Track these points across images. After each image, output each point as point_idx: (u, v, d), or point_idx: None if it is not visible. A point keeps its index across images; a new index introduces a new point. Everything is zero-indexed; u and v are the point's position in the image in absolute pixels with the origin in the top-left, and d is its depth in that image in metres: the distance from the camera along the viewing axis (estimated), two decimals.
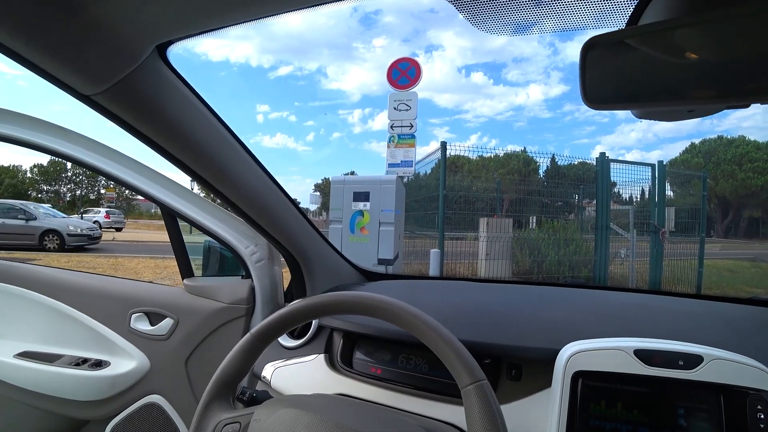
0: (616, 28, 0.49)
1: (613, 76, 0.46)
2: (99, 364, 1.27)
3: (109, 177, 1.16)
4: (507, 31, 0.57)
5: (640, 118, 0.52)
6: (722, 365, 0.67)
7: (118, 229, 20.65)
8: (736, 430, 0.64)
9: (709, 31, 0.41)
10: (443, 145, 5.94)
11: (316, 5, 0.52)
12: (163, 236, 1.39)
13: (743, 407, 0.65)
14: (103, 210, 22.76)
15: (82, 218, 19.06)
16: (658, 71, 0.44)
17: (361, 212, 4.80)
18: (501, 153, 9.19)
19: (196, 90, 0.74)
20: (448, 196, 6.11)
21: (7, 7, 0.47)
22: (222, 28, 0.57)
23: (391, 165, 5.39)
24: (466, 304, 1.12)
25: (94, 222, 17.42)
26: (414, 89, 5.40)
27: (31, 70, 0.55)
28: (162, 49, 0.63)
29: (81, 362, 1.28)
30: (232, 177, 0.92)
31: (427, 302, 1.09)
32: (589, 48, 0.43)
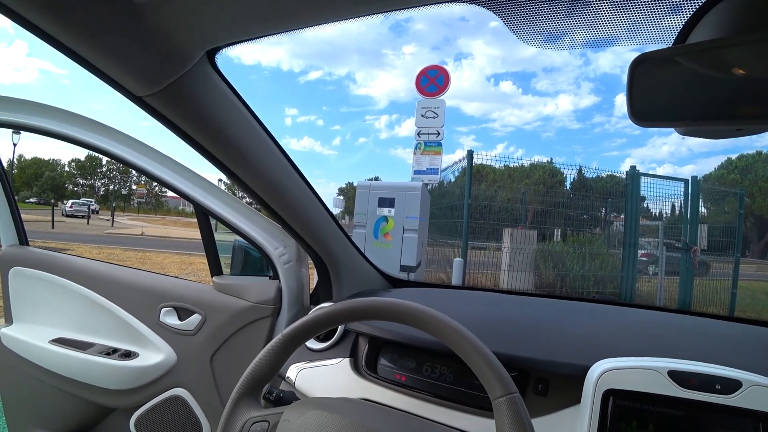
0: (663, 46, 0.49)
1: (661, 93, 0.45)
2: (128, 355, 1.31)
3: (146, 174, 1.20)
4: (539, 38, 0.57)
5: (685, 135, 0.50)
6: (762, 392, 0.65)
7: (84, 217, 27.18)
8: None
9: (762, 50, 0.40)
10: (470, 153, 5.89)
11: (366, 14, 0.53)
12: (189, 233, 1.42)
13: None
14: (70, 201, 33.05)
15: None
16: (708, 89, 0.43)
17: (385, 218, 4.80)
18: (527, 163, 9.04)
19: (241, 95, 0.76)
20: (471, 206, 6.05)
21: (73, 13, 0.50)
22: (270, 35, 0.58)
23: (417, 172, 5.39)
24: (493, 315, 1.11)
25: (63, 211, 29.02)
26: (442, 97, 5.40)
27: (90, 71, 0.59)
28: (211, 54, 0.65)
29: (111, 352, 1.32)
30: (271, 180, 0.94)
31: (454, 311, 1.09)
32: (638, 64, 0.43)
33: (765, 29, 0.41)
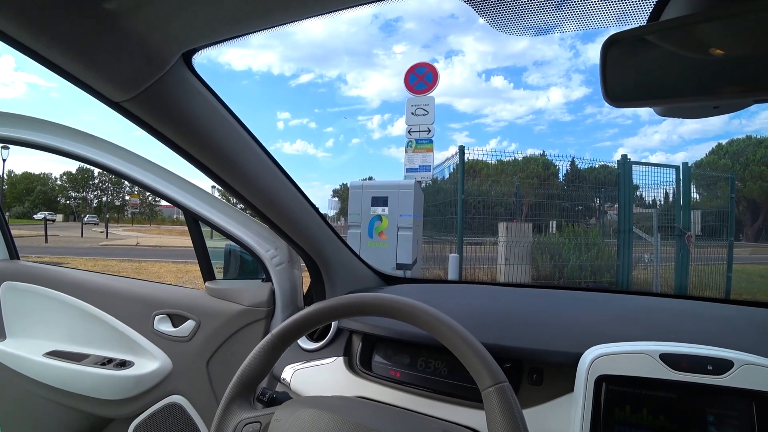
0: (637, 25, 0.48)
1: (635, 72, 0.45)
2: (123, 364, 1.30)
3: (134, 182, 1.19)
4: (528, 32, 0.57)
5: (664, 116, 0.50)
6: (754, 370, 0.65)
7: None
8: None
9: (732, 25, 0.40)
10: (461, 149, 5.91)
11: (336, 10, 0.52)
12: (185, 241, 1.41)
13: None
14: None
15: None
16: (681, 67, 0.43)
17: (379, 217, 4.80)
18: (520, 157, 9.07)
19: (220, 96, 0.75)
20: (466, 201, 6.07)
21: (46, 20, 0.49)
22: (244, 35, 0.58)
23: (409, 170, 5.40)
24: (486, 308, 1.11)
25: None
26: (431, 94, 5.40)
27: (66, 78, 0.58)
28: (187, 57, 0.64)
29: (106, 362, 1.31)
30: (254, 181, 0.93)
31: (447, 305, 1.09)
32: (610, 45, 0.42)
33: (734, 4, 0.41)
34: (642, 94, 0.45)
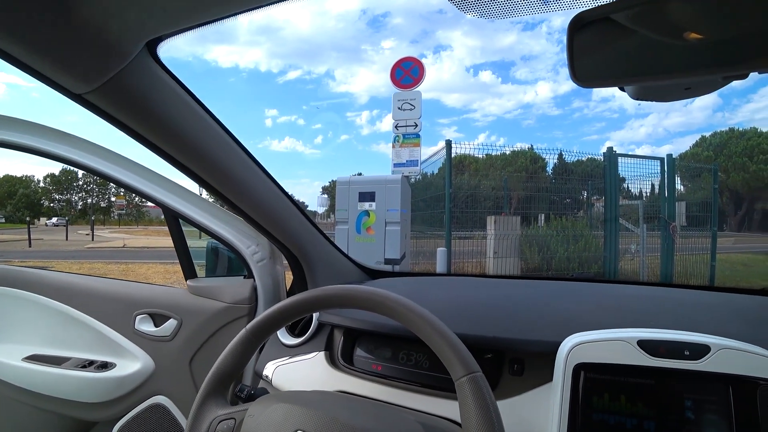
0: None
1: (602, 52, 0.44)
2: (105, 366, 1.28)
3: (115, 182, 1.17)
4: (512, 15, 0.55)
5: (636, 98, 0.50)
6: (730, 355, 0.65)
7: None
8: (746, 422, 0.62)
9: (700, 3, 0.40)
10: (448, 143, 5.92)
11: None
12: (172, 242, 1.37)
13: (753, 398, 0.63)
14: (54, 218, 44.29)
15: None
16: (648, 45, 0.42)
17: (366, 212, 4.78)
18: (508, 151, 9.09)
19: (190, 88, 0.73)
20: (454, 195, 6.08)
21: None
22: (208, 22, 0.56)
23: (396, 165, 5.38)
24: (470, 299, 1.10)
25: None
26: (418, 88, 5.38)
27: (23, 70, 0.55)
28: (152, 46, 0.62)
29: (87, 364, 1.29)
30: (227, 174, 0.91)
31: (430, 297, 1.08)
32: (576, 24, 0.42)
33: None
34: (610, 74, 0.44)
